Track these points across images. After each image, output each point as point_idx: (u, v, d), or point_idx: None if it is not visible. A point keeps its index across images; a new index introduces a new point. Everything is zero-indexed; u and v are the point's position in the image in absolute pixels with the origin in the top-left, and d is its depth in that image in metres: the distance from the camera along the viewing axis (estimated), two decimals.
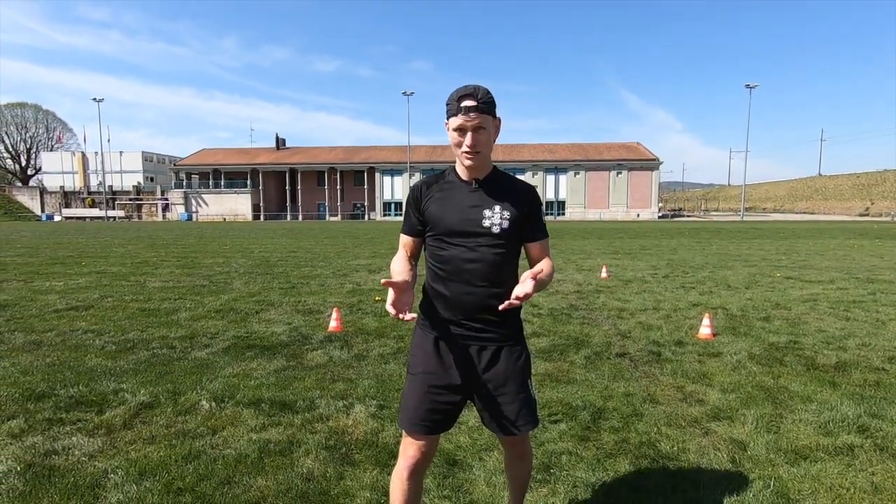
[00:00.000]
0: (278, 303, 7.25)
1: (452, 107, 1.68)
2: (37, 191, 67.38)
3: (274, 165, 65.05)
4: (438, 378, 1.78)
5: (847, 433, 3.08)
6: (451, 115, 1.68)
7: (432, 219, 1.78)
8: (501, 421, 1.79)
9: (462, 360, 1.78)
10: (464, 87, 1.68)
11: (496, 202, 1.74)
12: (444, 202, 1.77)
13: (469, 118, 1.65)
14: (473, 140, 1.67)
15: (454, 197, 1.77)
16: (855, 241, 19.41)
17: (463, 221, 1.73)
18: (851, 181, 78.54)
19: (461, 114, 1.65)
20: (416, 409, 1.77)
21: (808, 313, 6.46)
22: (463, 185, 1.78)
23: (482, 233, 1.72)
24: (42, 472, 2.64)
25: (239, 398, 3.62)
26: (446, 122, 1.73)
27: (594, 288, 8.54)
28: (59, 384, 3.88)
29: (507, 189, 1.78)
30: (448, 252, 1.75)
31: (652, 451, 2.88)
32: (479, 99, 1.66)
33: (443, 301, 1.77)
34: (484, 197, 1.75)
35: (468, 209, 1.74)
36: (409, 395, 1.81)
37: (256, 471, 2.67)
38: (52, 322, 6.03)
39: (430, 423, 1.77)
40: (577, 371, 4.23)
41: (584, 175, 60.75)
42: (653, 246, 17.87)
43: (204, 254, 15.13)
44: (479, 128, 1.67)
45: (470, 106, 1.64)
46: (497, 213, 1.73)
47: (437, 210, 1.77)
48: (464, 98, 1.66)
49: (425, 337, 1.83)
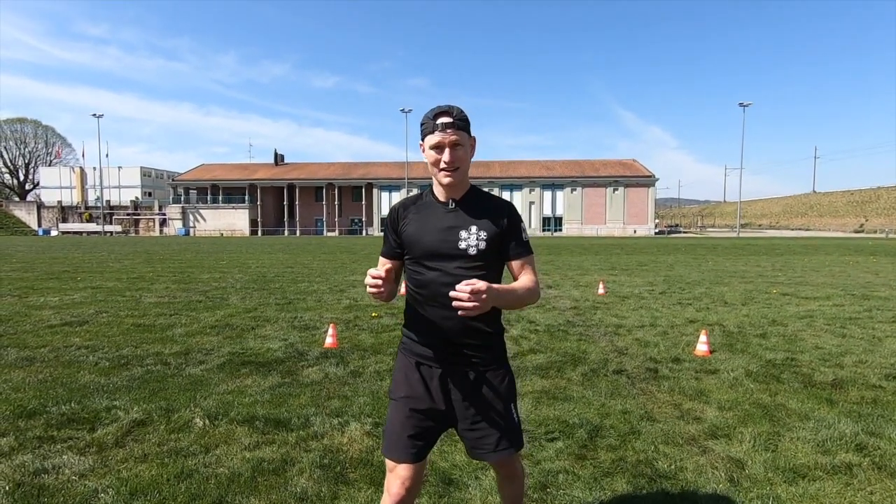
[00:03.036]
0: (274, 318, 7.22)
1: (428, 125, 1.67)
2: (34, 205, 67.34)
3: (272, 181, 65.30)
4: (420, 402, 1.74)
5: (845, 451, 3.06)
6: (428, 134, 1.68)
7: (409, 241, 1.75)
8: (484, 446, 1.74)
9: (444, 385, 1.74)
10: (438, 107, 1.69)
11: (473, 222, 1.71)
12: (420, 224, 1.74)
13: (446, 134, 1.65)
14: (452, 156, 1.66)
15: (430, 218, 1.74)
16: (850, 258, 19.51)
17: (439, 244, 1.70)
18: (846, 198, 79.25)
19: (438, 131, 1.65)
20: (399, 435, 1.73)
21: (805, 330, 6.46)
22: (439, 206, 1.75)
23: (458, 255, 1.68)
24: (31, 491, 2.60)
25: (233, 415, 3.58)
26: (421, 143, 1.72)
27: (591, 304, 8.54)
28: (51, 401, 3.84)
29: (484, 208, 1.74)
30: (426, 276, 1.71)
31: (649, 470, 2.86)
32: (455, 116, 1.66)
33: (423, 325, 1.75)
34: (461, 217, 1.72)
35: (444, 231, 1.70)
36: (392, 421, 1.76)
37: (250, 490, 2.63)
38: (45, 338, 5.98)
39: (414, 449, 1.72)
40: (574, 388, 4.21)
41: (581, 191, 61.14)
42: (649, 262, 17.91)
43: (200, 269, 15.09)
44: (457, 144, 1.67)
45: (447, 122, 1.65)
46: (473, 233, 1.69)
47: (414, 232, 1.74)
48: (440, 115, 1.66)
49: (407, 361, 1.80)
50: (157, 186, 74.51)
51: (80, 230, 63.85)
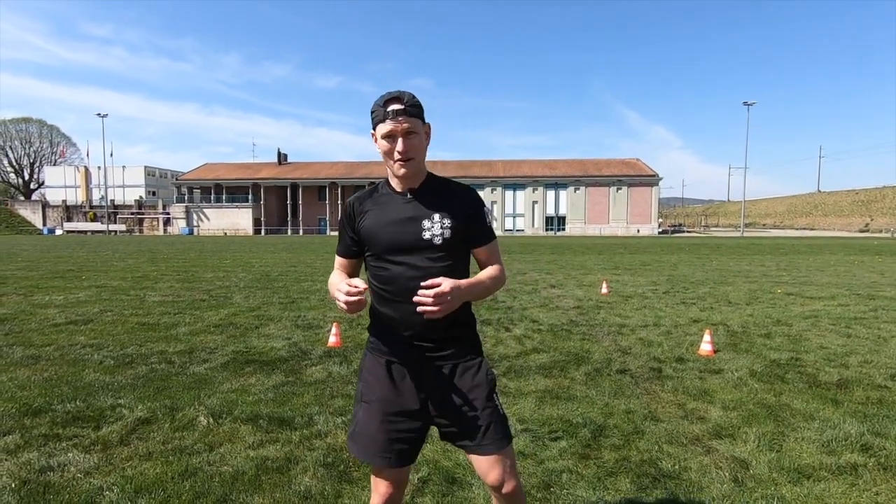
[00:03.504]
0: (278, 317, 7.24)
1: (379, 113, 1.57)
2: (39, 205, 67.71)
3: (275, 180, 65.44)
4: (394, 405, 1.66)
5: (850, 452, 3.05)
6: (379, 122, 1.58)
7: (368, 237, 1.66)
8: (470, 438, 1.65)
9: (418, 383, 1.66)
10: (388, 93, 1.59)
11: (434, 211, 1.62)
12: (378, 217, 1.65)
13: (398, 122, 1.54)
14: (405, 146, 1.56)
15: (389, 211, 1.64)
16: (855, 257, 19.42)
17: (400, 235, 1.61)
18: (851, 197, 78.88)
19: (389, 119, 1.55)
20: (373, 439, 1.65)
21: (810, 330, 6.44)
22: (397, 197, 1.66)
23: (423, 246, 1.59)
24: (37, 488, 2.61)
25: (237, 414, 3.59)
26: (373, 133, 1.62)
27: (594, 304, 8.53)
28: (56, 399, 3.86)
29: (445, 195, 1.66)
30: (390, 271, 1.63)
31: (653, 470, 2.85)
32: (407, 102, 1.56)
33: (391, 323, 1.66)
34: (420, 207, 1.63)
35: (405, 222, 1.61)
36: (365, 425, 1.67)
37: (253, 488, 2.64)
38: (50, 336, 6.01)
39: (391, 454, 1.64)
40: (578, 387, 4.20)
41: (584, 191, 61.03)
42: (653, 261, 17.86)
43: (204, 268, 15.14)
44: (410, 132, 1.57)
45: (398, 109, 1.55)
46: (437, 222, 1.60)
47: (372, 226, 1.64)
48: (390, 102, 1.56)
49: (376, 362, 1.71)
50: (161, 186, 74.77)
51: (85, 229, 64.15)
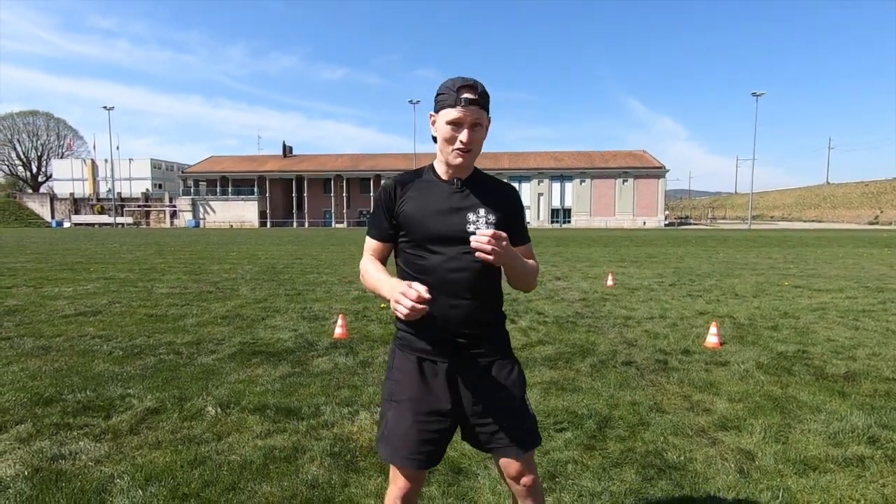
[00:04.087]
0: (284, 309, 7.28)
1: (449, 97, 1.50)
2: (47, 197, 68.21)
3: (281, 173, 65.51)
4: (425, 404, 1.60)
5: (857, 444, 3.04)
6: (447, 107, 1.50)
7: (408, 223, 1.59)
8: (499, 440, 1.62)
9: (451, 381, 1.62)
10: (461, 78, 1.52)
11: (480, 204, 1.58)
12: (422, 204, 1.58)
13: (469, 112, 1.49)
14: (470, 137, 1.51)
15: (434, 198, 1.59)
16: (864, 250, 19.24)
17: (445, 225, 1.56)
18: (860, 189, 78.01)
19: (460, 105, 1.48)
20: (404, 441, 1.59)
21: (817, 322, 6.40)
22: (444, 185, 1.60)
23: (466, 239, 1.50)
24: (49, 476, 2.66)
25: (244, 404, 3.63)
26: (433, 115, 1.56)
27: (600, 296, 8.51)
28: (66, 389, 3.91)
29: (489, 191, 1.63)
30: (429, 261, 1.57)
31: (658, 461, 2.86)
32: (480, 93, 1.51)
33: (421, 323, 1.56)
34: (466, 198, 1.59)
35: (450, 212, 1.57)
36: (396, 426, 1.61)
37: (261, 477, 2.67)
38: (60, 327, 6.08)
39: (422, 455, 1.60)
40: (583, 379, 4.21)
41: (590, 183, 60.71)
42: (659, 254, 17.78)
43: (211, 260, 15.22)
44: (477, 124, 1.52)
45: (471, 98, 1.48)
46: (482, 216, 1.57)
47: (415, 213, 1.58)
48: (464, 89, 1.49)
49: (406, 359, 1.64)
50: (168, 178, 75.02)
51: (93, 222, 64.63)
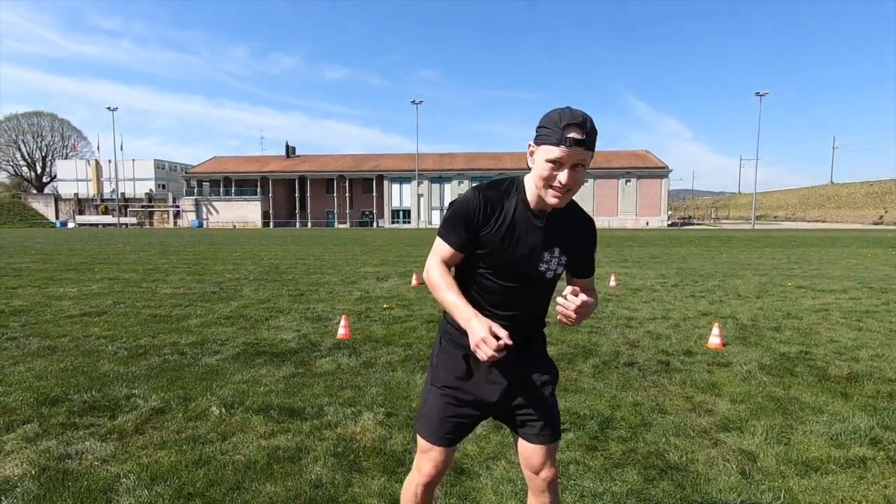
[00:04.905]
0: (287, 310, 7.31)
1: (554, 133, 1.41)
2: (51, 198, 68.51)
3: (284, 173, 65.64)
4: (465, 394, 1.73)
5: (859, 445, 3.04)
6: (550, 144, 1.42)
7: (488, 249, 1.59)
8: (531, 429, 1.73)
9: (491, 376, 1.72)
10: (570, 113, 1.42)
11: (556, 244, 1.60)
12: (508, 238, 1.58)
13: (574, 152, 1.41)
14: (570, 178, 1.44)
15: (520, 234, 1.58)
16: (868, 250, 19.17)
17: (521, 262, 1.60)
18: (864, 189, 77.67)
19: (564, 145, 1.40)
20: (441, 422, 1.72)
21: (820, 323, 6.39)
22: (530, 219, 1.58)
23: (536, 276, 1.62)
24: (56, 475, 2.69)
25: (248, 404, 3.65)
26: (533, 145, 1.50)
27: (603, 296, 8.51)
28: (72, 389, 3.94)
29: (570, 226, 1.64)
30: (495, 284, 1.64)
31: (660, 462, 2.87)
32: (588, 133, 1.42)
33: None
34: (547, 237, 1.59)
35: (530, 250, 1.59)
36: (434, 408, 1.74)
37: (265, 477, 2.69)
38: (65, 328, 6.12)
39: (452, 434, 1.75)
40: (585, 380, 4.22)
41: (593, 183, 60.63)
42: (662, 254, 17.76)
43: (214, 261, 15.28)
44: (579, 165, 1.44)
45: (578, 139, 1.40)
46: (556, 257, 1.61)
47: (495, 241, 1.58)
48: (571, 128, 1.40)
49: (454, 352, 1.74)
50: (171, 179, 75.28)
51: (97, 222, 64.90)
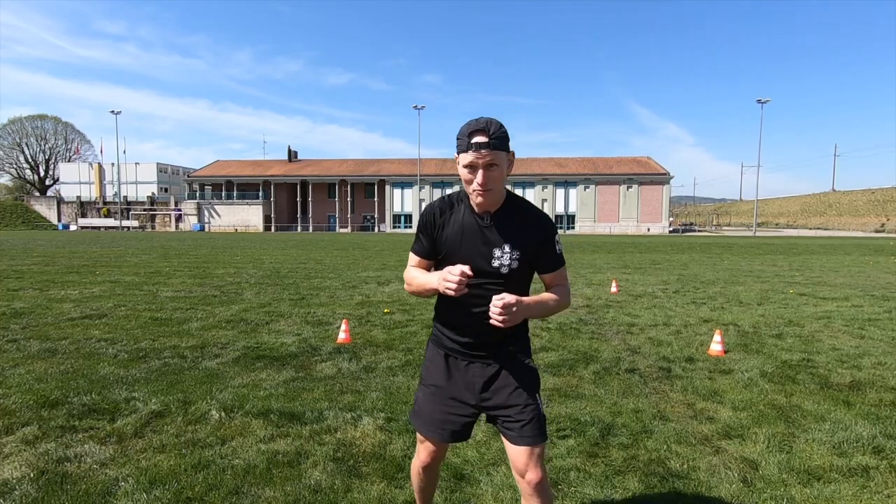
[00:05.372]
0: (288, 314, 7.30)
1: (462, 142, 1.60)
2: (54, 201, 68.68)
3: (286, 177, 65.79)
4: (449, 392, 1.85)
5: (862, 454, 3.02)
6: (462, 151, 1.61)
7: (445, 250, 1.76)
8: (511, 432, 1.78)
9: (471, 376, 1.83)
10: (475, 122, 1.60)
11: (506, 240, 1.69)
12: (457, 238, 1.73)
13: (480, 155, 1.57)
14: (485, 178, 1.60)
15: (466, 232, 1.72)
16: (870, 258, 19.13)
17: (473, 259, 1.69)
18: (866, 197, 77.59)
19: (472, 150, 1.57)
20: (429, 417, 1.87)
21: (822, 331, 6.37)
22: (475, 221, 1.71)
23: (490, 272, 1.69)
24: (55, 478, 2.68)
25: (248, 408, 3.64)
26: (456, 157, 1.67)
27: (604, 303, 8.50)
28: (72, 392, 3.94)
29: (519, 222, 1.71)
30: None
31: (661, 469, 2.85)
32: (492, 135, 1.57)
33: (451, 323, 1.83)
34: (495, 234, 1.69)
35: (480, 247, 1.70)
36: (423, 404, 1.91)
37: (265, 481, 2.68)
38: (66, 330, 6.12)
39: (443, 431, 1.85)
40: (586, 386, 4.20)
41: (594, 189, 60.67)
42: (663, 261, 17.74)
43: (215, 264, 15.29)
44: (491, 165, 1.59)
45: (481, 143, 1.56)
46: (507, 252, 1.68)
47: (451, 244, 1.74)
48: (475, 134, 1.58)
49: (437, 352, 1.90)
50: (173, 182, 75.43)
51: (99, 225, 65.04)
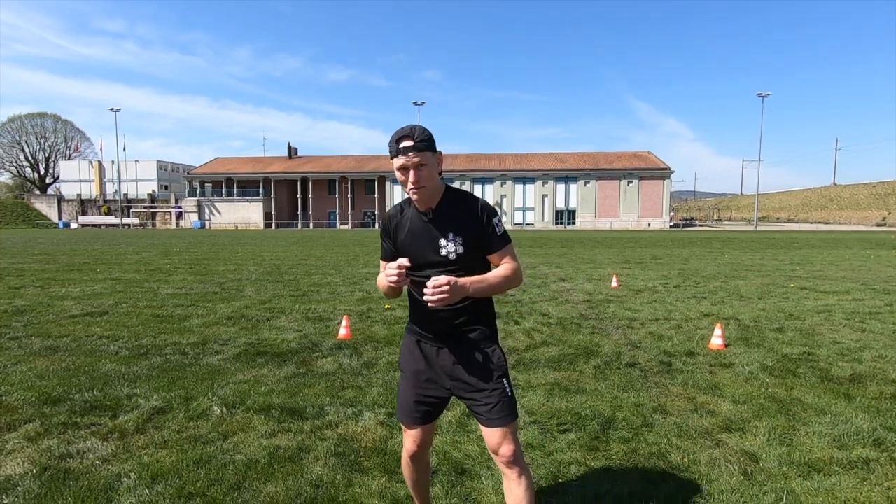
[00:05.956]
0: (289, 310, 7.31)
1: (393, 148, 1.80)
2: (54, 199, 68.68)
3: (286, 174, 65.71)
4: (423, 374, 2.02)
5: (862, 446, 3.03)
6: (393, 156, 1.81)
7: (402, 250, 1.94)
8: (481, 415, 1.93)
9: (440, 359, 1.99)
10: (401, 129, 1.81)
11: (449, 230, 1.87)
12: (408, 235, 1.93)
13: (409, 157, 1.77)
14: (416, 176, 1.79)
15: (415, 230, 1.92)
16: (871, 252, 19.10)
17: (423, 252, 1.89)
18: (868, 190, 77.42)
19: (401, 154, 1.78)
20: (406, 403, 2.03)
21: (823, 324, 6.37)
22: (420, 217, 1.91)
23: (440, 261, 1.87)
24: (57, 475, 2.69)
25: (249, 404, 3.65)
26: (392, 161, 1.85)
27: (604, 297, 8.50)
28: (74, 389, 3.95)
29: (458, 211, 1.89)
30: (419, 279, 1.89)
31: (662, 462, 2.86)
32: (416, 138, 1.78)
33: (418, 317, 2.03)
34: (437, 226, 1.88)
35: (426, 241, 1.89)
36: (403, 392, 2.07)
37: (266, 476, 2.69)
38: (67, 327, 6.13)
39: (418, 413, 2.02)
40: (587, 381, 4.21)
41: (595, 184, 60.55)
42: (664, 255, 17.73)
43: (216, 261, 15.30)
44: (420, 165, 1.79)
45: (408, 146, 1.77)
46: (451, 240, 1.86)
47: (404, 242, 1.94)
48: (402, 139, 1.78)
49: (410, 339, 2.08)
50: (173, 180, 75.37)
51: (99, 223, 65.05)
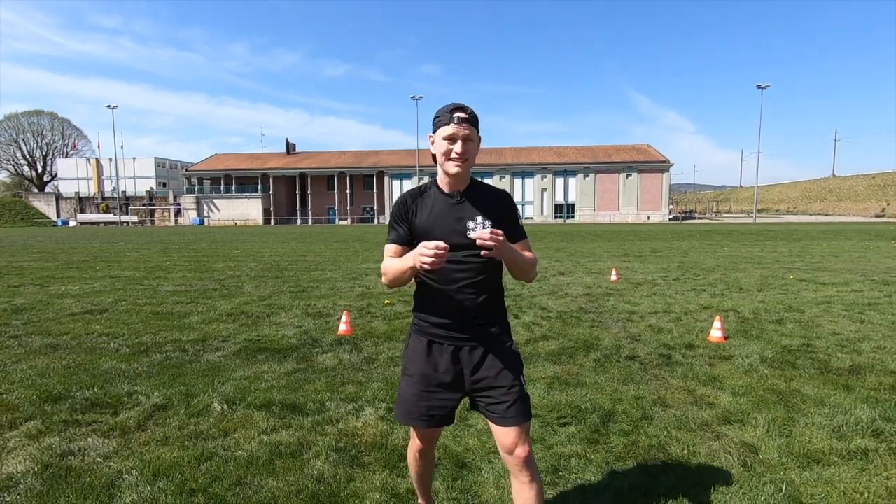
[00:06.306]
0: (289, 306, 7.31)
1: (444, 117, 1.82)
2: (53, 197, 68.51)
3: (284, 170, 65.55)
4: (433, 379, 1.93)
5: (861, 437, 3.04)
6: (443, 125, 1.82)
7: (421, 231, 1.88)
8: (496, 413, 1.88)
9: (455, 361, 1.92)
10: (454, 103, 1.84)
11: (477, 212, 1.87)
12: (431, 216, 1.89)
13: (461, 128, 1.79)
14: (464, 148, 1.81)
15: (440, 210, 1.89)
16: (870, 243, 19.12)
17: (450, 233, 1.84)
18: (867, 182, 77.37)
19: (454, 123, 1.79)
20: (411, 406, 1.96)
21: (822, 316, 6.38)
22: (446, 198, 1.90)
23: (466, 244, 1.82)
24: (59, 472, 2.70)
25: (250, 400, 3.66)
26: (432, 136, 1.87)
27: (604, 291, 8.51)
28: (74, 386, 3.95)
29: (485, 198, 1.92)
30: None
31: (662, 455, 2.87)
32: (469, 113, 1.82)
33: (434, 308, 1.92)
34: (466, 208, 1.87)
35: (454, 223, 1.86)
36: (405, 394, 1.98)
37: (267, 472, 2.70)
38: (67, 325, 6.13)
39: (427, 418, 1.95)
40: (587, 374, 4.22)
41: (594, 177, 60.46)
42: (663, 248, 17.74)
43: (215, 258, 15.29)
44: (469, 139, 1.81)
45: (462, 117, 1.80)
46: (479, 223, 1.85)
47: (426, 224, 1.88)
48: (456, 110, 1.81)
49: (419, 341, 1.98)
50: (172, 177, 75.20)
51: (98, 220, 64.93)
